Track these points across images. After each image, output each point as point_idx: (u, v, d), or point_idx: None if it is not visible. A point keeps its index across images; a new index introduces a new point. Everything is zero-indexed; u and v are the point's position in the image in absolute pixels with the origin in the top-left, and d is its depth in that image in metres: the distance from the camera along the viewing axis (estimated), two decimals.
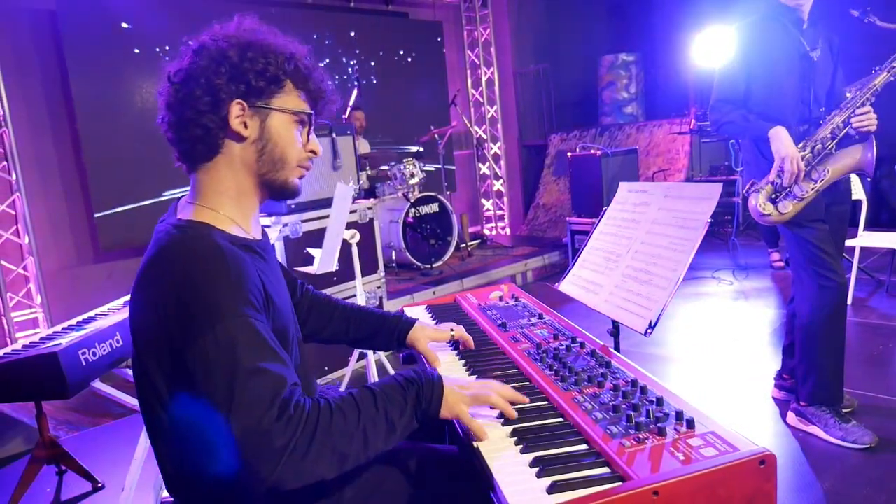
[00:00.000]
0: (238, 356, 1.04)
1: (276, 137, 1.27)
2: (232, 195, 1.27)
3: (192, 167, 1.28)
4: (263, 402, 1.02)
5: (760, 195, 2.56)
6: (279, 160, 1.28)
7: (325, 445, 1.06)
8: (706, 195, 1.49)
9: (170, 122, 1.25)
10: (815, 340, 2.64)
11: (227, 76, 1.21)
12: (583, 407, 1.24)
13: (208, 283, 1.08)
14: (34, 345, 2.08)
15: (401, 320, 1.71)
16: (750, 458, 0.98)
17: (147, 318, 1.12)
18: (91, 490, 2.84)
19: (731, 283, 5.30)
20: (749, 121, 2.60)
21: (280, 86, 1.26)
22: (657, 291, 1.48)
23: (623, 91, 8.58)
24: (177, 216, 1.26)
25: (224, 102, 1.21)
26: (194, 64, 1.22)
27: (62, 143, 4.96)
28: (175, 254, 1.13)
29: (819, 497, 2.33)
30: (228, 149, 1.25)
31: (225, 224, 1.24)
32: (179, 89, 1.22)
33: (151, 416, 1.19)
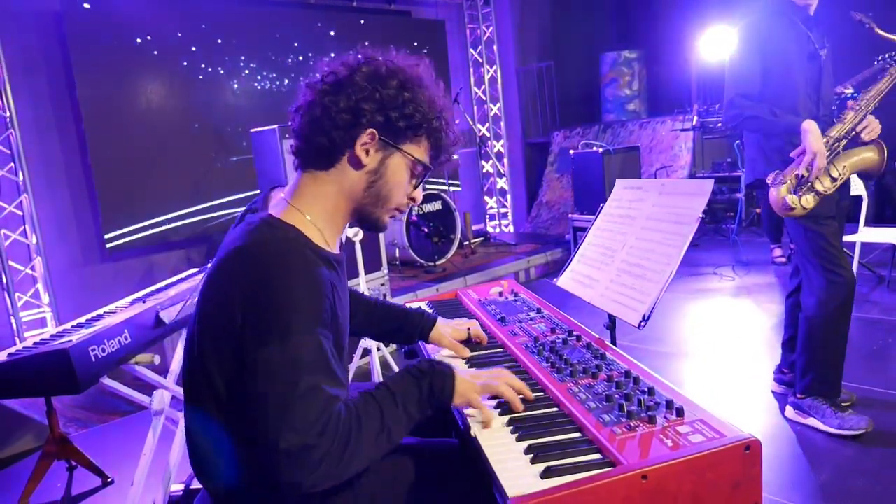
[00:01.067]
0: (300, 374, 1.08)
1: (390, 176, 1.30)
2: (328, 209, 1.30)
3: (304, 167, 1.31)
4: (313, 423, 1.07)
5: (784, 188, 2.55)
6: (384, 198, 1.32)
7: (357, 451, 1.12)
8: (699, 191, 1.52)
9: (303, 117, 1.27)
10: (819, 334, 2.67)
11: (376, 104, 1.23)
12: (577, 397, 1.28)
13: (290, 293, 1.11)
14: (45, 342, 2.12)
15: (423, 317, 1.76)
16: (736, 444, 1.02)
17: (223, 305, 1.14)
18: (101, 485, 2.89)
19: (732, 279, 5.32)
20: (777, 115, 2.57)
21: (417, 134, 1.29)
22: (650, 285, 1.51)
23: (626, 88, 8.59)
24: (268, 210, 1.28)
25: (360, 126, 1.24)
26: (353, 78, 1.24)
27: (68, 144, 5.01)
28: (265, 252, 1.16)
29: (816, 489, 2.36)
30: (342, 168, 1.28)
31: (312, 233, 1.26)
32: (327, 93, 1.24)
33: (195, 402, 1.23)
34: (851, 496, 2.29)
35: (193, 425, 1.26)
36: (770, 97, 2.64)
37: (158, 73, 5.29)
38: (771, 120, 2.59)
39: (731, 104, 2.68)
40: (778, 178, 2.57)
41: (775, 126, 2.60)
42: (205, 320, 1.19)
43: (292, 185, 1.32)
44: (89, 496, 2.83)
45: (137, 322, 2.25)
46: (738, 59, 2.70)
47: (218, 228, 5.59)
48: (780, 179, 2.56)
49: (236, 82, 5.83)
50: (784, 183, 2.55)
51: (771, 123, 2.60)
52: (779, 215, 2.63)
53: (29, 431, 3.47)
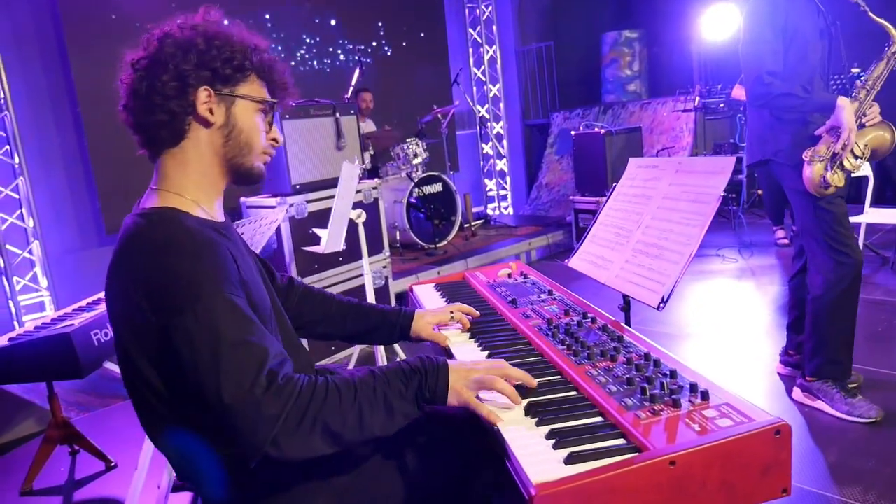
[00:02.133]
0: (220, 331, 1.06)
1: (242, 124, 1.30)
2: (197, 179, 1.29)
3: (157, 153, 1.29)
4: (250, 372, 1.05)
5: (821, 166, 2.49)
6: (245, 146, 1.31)
7: (317, 420, 1.07)
8: (719, 169, 1.49)
9: (134, 109, 1.27)
10: (827, 315, 2.64)
11: (194, 63, 1.23)
12: (596, 380, 1.24)
13: (182, 265, 1.10)
14: (46, 326, 2.09)
15: (401, 314, 1.70)
16: (765, 428, 0.99)
17: (126, 308, 1.14)
18: (104, 469, 2.87)
19: (735, 261, 5.30)
20: (809, 92, 2.51)
21: (245, 75, 1.30)
22: (669, 266, 1.48)
23: (626, 68, 8.51)
24: (140, 206, 1.27)
25: (192, 88, 1.24)
26: (161, 51, 1.24)
27: (64, 126, 4.94)
28: (144, 241, 1.15)
29: (825, 471, 2.35)
30: (195, 134, 1.27)
31: (191, 207, 1.26)
32: (145, 76, 1.24)
33: (146, 408, 1.20)
34: (861, 478, 2.28)
35: (152, 433, 1.23)
36: (789, 76, 2.58)
37: None
38: (805, 98, 2.51)
39: (758, 81, 2.58)
40: (816, 155, 2.51)
41: (809, 102, 2.53)
42: (120, 328, 1.17)
43: (155, 175, 1.30)
44: (93, 480, 2.81)
45: None
46: (759, 34, 2.60)
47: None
48: (819, 156, 2.50)
49: None
50: (822, 160, 2.50)
51: (804, 100, 2.52)
52: (779, 196, 2.59)
53: (30, 416, 3.45)
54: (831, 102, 2.47)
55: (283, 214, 3.62)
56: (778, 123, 2.67)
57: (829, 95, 2.50)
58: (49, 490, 2.77)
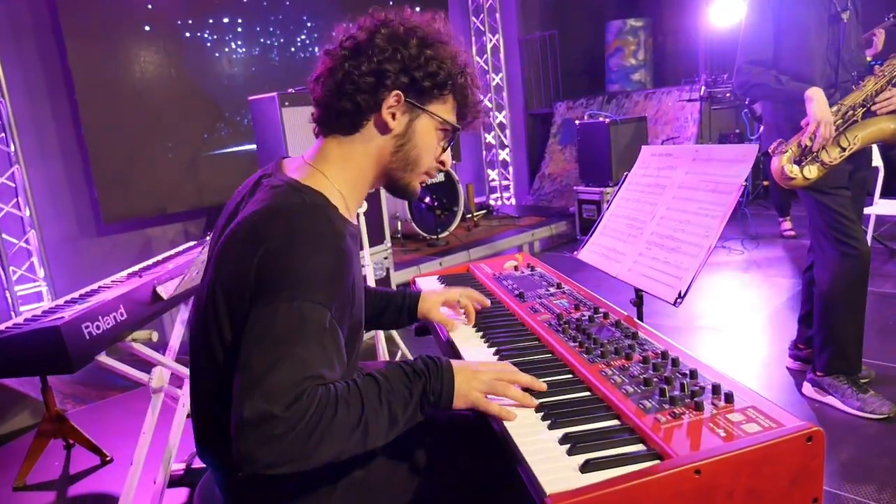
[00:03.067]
0: (296, 339, 1.00)
1: (419, 139, 1.25)
2: (352, 176, 1.25)
3: (326, 133, 1.26)
4: (284, 393, 0.97)
5: (785, 157, 2.46)
6: (413, 162, 1.27)
7: (325, 438, 1.00)
8: (740, 157, 1.41)
9: (325, 84, 1.23)
10: (835, 309, 2.58)
11: (399, 65, 1.19)
12: (611, 380, 1.18)
13: (308, 261, 1.05)
14: (36, 318, 2.02)
15: (406, 295, 1.68)
16: (797, 435, 0.93)
17: (239, 265, 1.08)
18: (99, 464, 2.82)
19: (741, 253, 5.23)
20: (782, 82, 2.48)
21: (443, 92, 1.25)
22: (686, 259, 1.41)
23: (631, 57, 8.40)
24: (289, 174, 1.22)
25: (385, 89, 1.19)
26: (373, 39, 1.20)
27: (61, 114, 4.86)
28: (291, 216, 1.10)
29: (837, 468, 2.29)
30: (368, 133, 1.23)
31: (338, 201, 1.20)
32: (347, 58, 1.20)
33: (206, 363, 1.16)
34: (874, 476, 2.22)
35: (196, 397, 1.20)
36: (785, 63, 2.54)
37: (152, 38, 5.10)
38: (776, 87, 2.50)
39: (738, 71, 2.61)
40: (780, 147, 2.48)
41: (779, 93, 2.52)
42: (221, 287, 1.12)
43: (314, 150, 1.26)
44: (88, 475, 2.76)
45: (133, 297, 2.15)
46: (749, 24, 2.60)
47: (215, 201, 5.44)
48: (782, 148, 2.48)
49: (233, 48, 5.66)
50: (785, 152, 2.46)
51: (775, 91, 2.52)
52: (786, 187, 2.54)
53: (25, 408, 3.39)
54: (800, 93, 2.42)
55: None
56: (778, 112, 2.63)
57: (800, 86, 2.44)
58: (43, 485, 2.71)
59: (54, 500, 2.62)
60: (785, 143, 2.49)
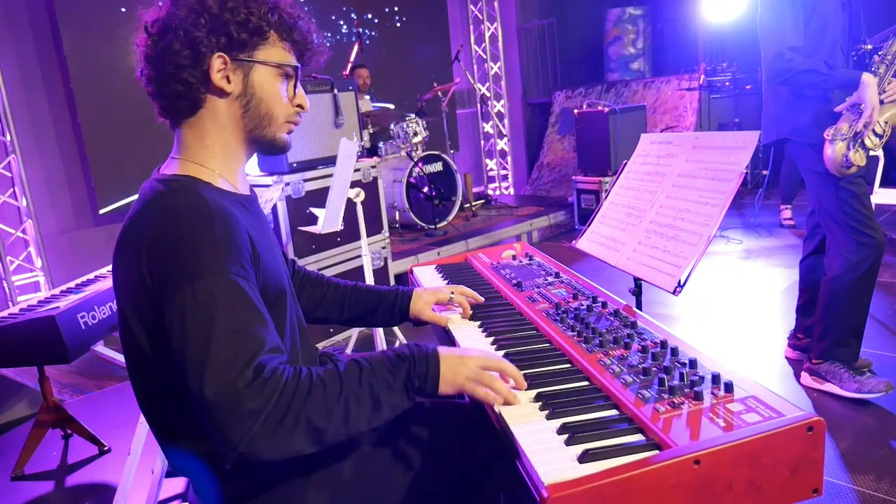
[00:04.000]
0: (216, 315, 0.97)
1: (261, 92, 1.20)
2: (218, 150, 1.21)
3: (176, 122, 1.22)
4: (238, 364, 0.95)
5: (844, 144, 2.41)
6: (265, 116, 1.22)
7: (301, 417, 0.98)
8: (741, 144, 1.39)
9: (149, 76, 1.19)
10: (844, 298, 2.57)
11: (207, 28, 1.14)
12: (610, 370, 1.17)
13: (191, 238, 1.03)
14: (32, 308, 2.02)
15: (398, 294, 1.63)
16: (797, 425, 0.92)
17: (130, 273, 1.06)
18: (97, 454, 2.81)
19: (740, 243, 5.22)
20: (832, 68, 2.42)
21: (264, 37, 1.19)
22: (686, 248, 1.40)
23: (630, 46, 8.36)
24: (161, 172, 1.20)
25: (205, 56, 1.14)
26: (172, 14, 1.15)
27: (57, 103, 4.83)
28: (158, 208, 1.08)
29: (837, 458, 2.29)
30: (212, 104, 1.19)
31: (212, 178, 1.18)
32: (158, 41, 1.16)
33: (137, 374, 1.15)
34: (875, 464, 2.22)
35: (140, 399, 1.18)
36: (810, 50, 2.48)
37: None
38: (828, 74, 2.41)
39: (779, 57, 2.47)
40: (838, 134, 2.43)
41: (831, 79, 2.43)
42: (122, 292, 1.11)
43: (175, 144, 1.23)
44: (86, 465, 2.76)
45: None
46: (779, 9, 2.51)
47: None
48: (841, 135, 2.42)
49: None
50: (845, 138, 2.41)
51: (827, 77, 2.42)
52: (795, 174, 2.52)
53: (23, 398, 3.38)
54: (855, 79, 2.37)
55: (280, 193, 3.53)
56: (797, 101, 2.58)
57: (852, 72, 2.41)
58: (41, 475, 2.71)
59: (52, 489, 2.62)
60: (836, 130, 2.44)
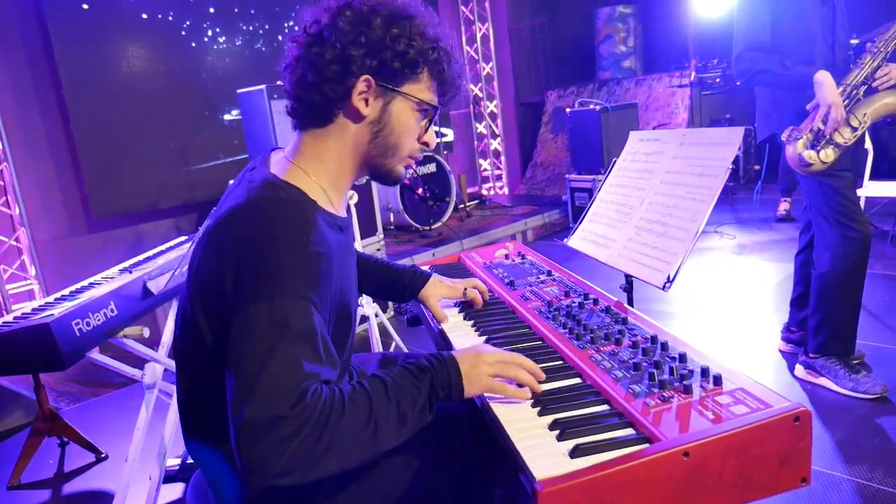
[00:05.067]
0: (283, 338, 0.96)
1: (396, 123, 1.19)
2: (332, 168, 1.20)
3: (301, 126, 1.21)
4: (283, 396, 0.94)
5: (800, 143, 2.44)
6: (392, 147, 1.21)
7: (335, 441, 0.97)
8: (727, 139, 1.41)
9: (292, 75, 1.17)
10: (833, 291, 2.59)
11: (364, 49, 1.12)
12: (601, 366, 1.18)
13: (283, 256, 1.01)
14: (26, 316, 2.01)
15: (416, 274, 1.67)
16: (784, 416, 0.93)
17: (210, 265, 1.06)
18: (94, 461, 2.81)
19: (733, 238, 5.24)
20: (787, 68, 2.46)
21: (415, 71, 1.17)
22: (674, 243, 1.41)
23: (621, 44, 8.38)
24: (270, 169, 1.18)
25: (352, 75, 1.13)
26: (335, 23, 1.13)
27: (49, 111, 4.82)
28: (265, 212, 1.07)
29: (831, 448, 2.30)
30: (341, 123, 1.18)
31: (317, 194, 1.16)
32: (311, 45, 1.14)
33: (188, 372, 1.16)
34: (868, 455, 2.24)
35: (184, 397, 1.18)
36: (783, 46, 2.52)
37: (140, 32, 5.05)
38: (782, 73, 2.48)
39: (739, 58, 2.57)
40: (793, 134, 2.46)
41: (786, 79, 2.49)
42: (197, 284, 1.10)
43: (293, 146, 1.21)
44: (83, 472, 2.76)
45: (124, 293, 2.14)
46: (745, 9, 2.57)
47: (207, 196, 5.42)
48: (796, 135, 2.46)
49: (222, 40, 5.61)
50: (800, 138, 2.44)
51: (782, 76, 2.49)
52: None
53: (19, 407, 3.38)
54: (808, 77, 2.39)
55: None
56: (780, 99, 2.61)
57: (808, 69, 2.42)
58: (38, 483, 2.71)
59: (49, 498, 2.62)
60: (797, 130, 2.47)
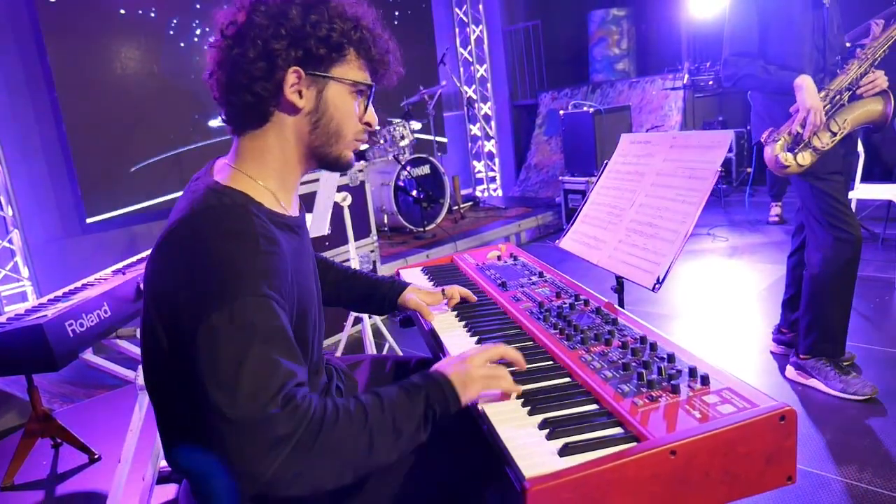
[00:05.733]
0: (252, 339, 0.95)
1: (333, 109, 1.17)
2: (277, 167, 1.18)
3: (238, 131, 1.18)
4: (270, 390, 0.92)
5: (778, 146, 2.47)
6: (335, 134, 1.19)
7: (329, 446, 0.95)
8: (715, 143, 1.43)
9: (218, 81, 1.14)
10: (824, 293, 2.61)
11: (286, 40, 1.10)
12: (591, 366, 1.19)
13: (236, 256, 1.00)
14: (19, 317, 2.02)
15: (394, 284, 1.68)
16: (770, 415, 0.95)
17: (166, 280, 1.04)
18: (87, 462, 2.81)
19: (726, 240, 5.27)
20: (770, 72, 2.50)
21: (342, 54, 1.15)
22: (664, 245, 1.43)
23: (614, 47, 8.42)
24: (213, 177, 1.15)
25: (280, 69, 1.10)
26: (251, 21, 1.10)
27: (42, 112, 4.81)
28: (208, 219, 1.04)
29: (821, 449, 2.32)
30: (279, 118, 1.15)
31: (264, 196, 1.14)
32: (231, 47, 1.11)
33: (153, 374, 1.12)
34: (858, 455, 2.26)
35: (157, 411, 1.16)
36: (771, 51, 2.56)
37: (132, 35, 5.05)
38: (763, 78, 2.53)
39: (726, 64, 2.63)
40: (772, 136, 2.51)
41: (768, 84, 2.54)
42: (153, 297, 1.07)
43: (233, 151, 1.19)
44: (76, 473, 2.75)
45: (117, 294, 2.15)
46: (733, 15, 2.62)
47: None
48: (774, 137, 2.50)
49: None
50: (777, 141, 2.48)
51: (763, 81, 2.54)
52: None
53: (12, 408, 3.37)
54: (789, 81, 2.43)
55: None
56: (771, 102, 2.63)
57: (789, 74, 2.45)
58: (31, 484, 2.70)
59: (42, 499, 2.62)
60: (776, 132, 2.51)
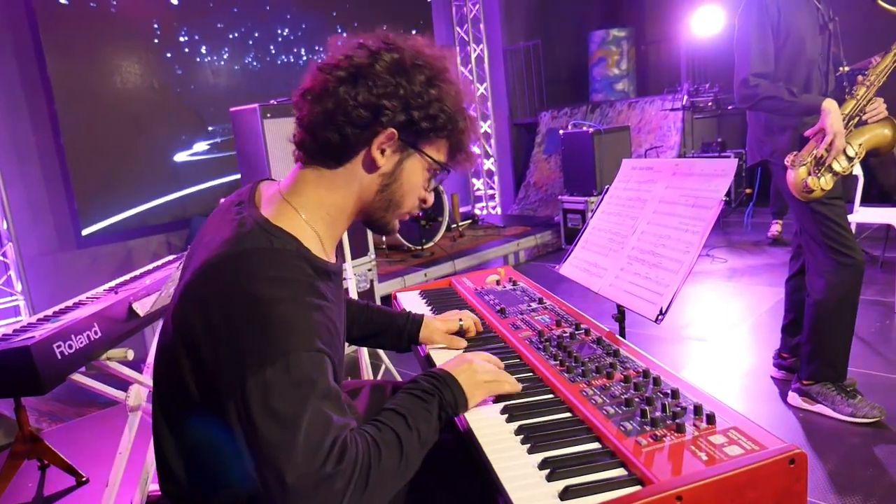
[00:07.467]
0: (308, 396, 0.92)
1: (405, 179, 1.14)
2: (332, 214, 1.13)
3: (306, 161, 1.13)
4: (324, 450, 0.91)
5: (803, 170, 2.45)
6: (397, 202, 1.17)
7: (379, 482, 0.97)
8: (720, 171, 1.40)
9: (312, 107, 1.09)
10: (827, 318, 2.59)
11: (399, 102, 1.07)
12: (592, 400, 1.15)
13: (289, 308, 0.96)
14: (6, 337, 1.97)
15: (409, 319, 1.62)
16: (779, 458, 0.91)
17: (207, 320, 0.97)
18: (75, 485, 2.75)
19: (725, 261, 5.24)
20: (795, 95, 2.47)
21: (439, 136, 1.14)
22: (668, 275, 1.39)
23: (614, 67, 8.45)
24: (260, 209, 1.10)
25: (380, 125, 1.07)
26: (374, 67, 1.06)
27: (40, 126, 4.80)
28: (258, 262, 0.99)
29: (823, 478, 2.28)
30: (354, 168, 1.11)
31: (310, 241, 1.09)
32: (343, 82, 1.06)
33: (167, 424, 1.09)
34: (861, 485, 2.22)
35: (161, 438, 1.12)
36: (781, 73, 2.54)
37: (132, 49, 5.05)
38: (790, 101, 2.48)
39: (744, 84, 2.56)
40: (797, 160, 2.47)
41: (794, 106, 2.49)
42: (183, 334, 1.01)
43: (291, 179, 1.14)
44: (63, 497, 2.69)
45: (108, 315, 2.11)
46: (749, 36, 2.57)
47: (198, 211, 5.39)
48: (800, 161, 2.46)
49: (214, 57, 5.61)
50: (804, 164, 2.45)
51: (790, 104, 2.49)
52: (787, 192, 2.54)
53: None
54: (817, 105, 2.42)
55: None
56: (775, 125, 2.62)
57: (816, 98, 2.45)
58: None
59: None
60: (800, 155, 2.48)
